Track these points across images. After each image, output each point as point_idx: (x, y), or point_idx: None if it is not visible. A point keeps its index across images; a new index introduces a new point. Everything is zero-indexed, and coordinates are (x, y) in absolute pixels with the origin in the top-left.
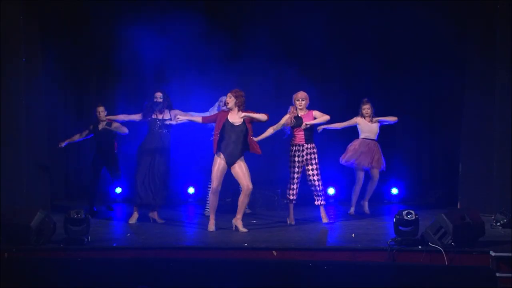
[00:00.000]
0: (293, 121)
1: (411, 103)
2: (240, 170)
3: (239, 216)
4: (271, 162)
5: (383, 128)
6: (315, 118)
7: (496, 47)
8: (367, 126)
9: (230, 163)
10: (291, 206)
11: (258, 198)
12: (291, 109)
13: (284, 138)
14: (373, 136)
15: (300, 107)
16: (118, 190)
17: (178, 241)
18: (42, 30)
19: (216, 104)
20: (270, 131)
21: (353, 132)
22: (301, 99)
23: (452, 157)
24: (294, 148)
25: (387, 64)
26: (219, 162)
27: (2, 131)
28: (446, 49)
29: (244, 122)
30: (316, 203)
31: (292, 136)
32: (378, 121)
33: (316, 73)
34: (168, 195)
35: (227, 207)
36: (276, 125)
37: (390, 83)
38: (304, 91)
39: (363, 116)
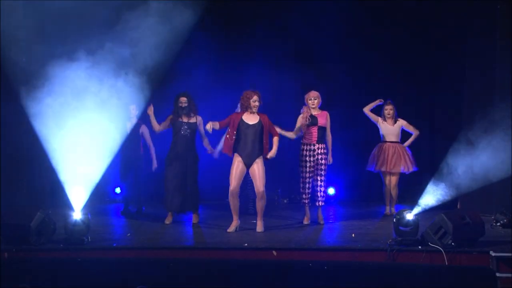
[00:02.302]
0: (309, 119)
1: (411, 103)
2: (258, 171)
3: (258, 217)
4: (271, 161)
5: None
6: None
7: (496, 47)
8: (387, 129)
9: (248, 163)
10: (307, 207)
11: None
12: (304, 109)
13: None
14: (394, 138)
15: (313, 106)
16: (118, 190)
17: (178, 241)
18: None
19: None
20: (292, 136)
21: (355, 133)
22: (313, 98)
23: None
24: (305, 148)
25: (389, 64)
26: (237, 164)
27: (2, 131)
28: (446, 49)
29: (260, 121)
30: (316, 203)
31: (303, 135)
32: (401, 125)
33: (323, 73)
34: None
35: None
36: (295, 129)
37: (391, 83)
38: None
39: (384, 117)
